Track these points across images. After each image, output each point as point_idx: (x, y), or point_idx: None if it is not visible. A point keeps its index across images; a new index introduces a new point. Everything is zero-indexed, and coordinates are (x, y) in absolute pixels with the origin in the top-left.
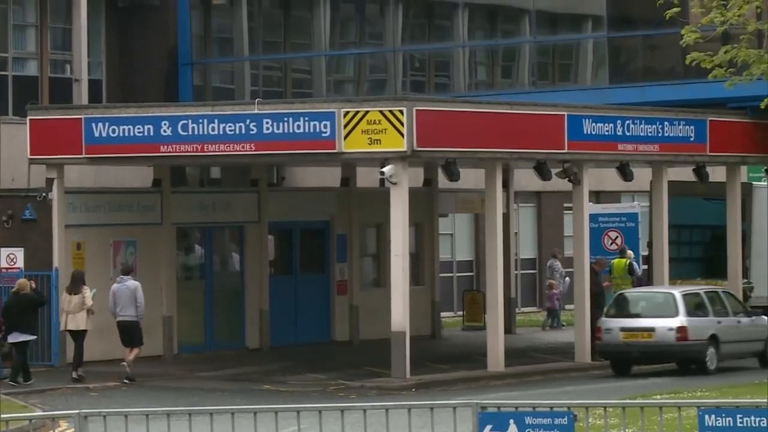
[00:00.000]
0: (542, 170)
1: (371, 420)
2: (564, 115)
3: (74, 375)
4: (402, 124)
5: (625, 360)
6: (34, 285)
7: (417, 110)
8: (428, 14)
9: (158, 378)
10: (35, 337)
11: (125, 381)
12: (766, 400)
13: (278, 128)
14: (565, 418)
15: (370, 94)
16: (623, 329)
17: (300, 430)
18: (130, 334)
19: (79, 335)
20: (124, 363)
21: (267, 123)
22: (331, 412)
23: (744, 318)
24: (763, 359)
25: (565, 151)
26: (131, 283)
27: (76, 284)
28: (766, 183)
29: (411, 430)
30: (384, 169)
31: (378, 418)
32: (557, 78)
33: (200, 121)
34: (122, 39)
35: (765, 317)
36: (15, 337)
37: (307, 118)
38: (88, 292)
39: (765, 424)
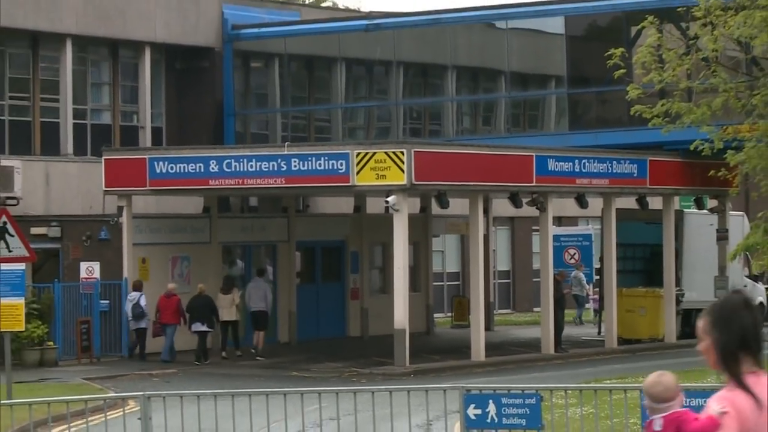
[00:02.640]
0: (515, 200)
1: (378, 400)
2: (532, 155)
3: (237, 353)
4: (403, 162)
5: None
6: (203, 288)
7: (415, 151)
8: (424, 75)
9: (208, 367)
10: (212, 329)
11: (258, 358)
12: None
13: (303, 166)
14: (534, 399)
15: (377, 139)
16: None
17: (321, 408)
18: (260, 320)
19: (231, 325)
20: (255, 345)
21: (294, 161)
22: (346, 393)
23: None
24: None
25: (534, 184)
26: (262, 283)
27: (227, 286)
28: (694, 210)
29: (410, 408)
30: (388, 199)
31: (383, 398)
32: (527, 125)
33: (241, 160)
34: (178, 94)
35: None
36: (197, 327)
37: (326, 158)
38: (236, 292)
39: (693, 403)
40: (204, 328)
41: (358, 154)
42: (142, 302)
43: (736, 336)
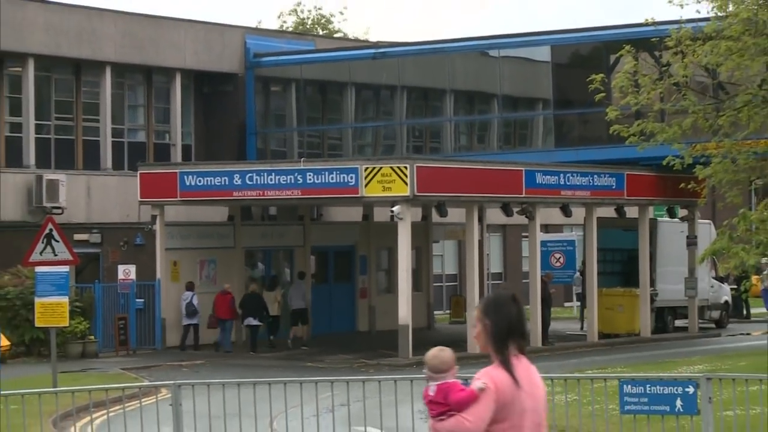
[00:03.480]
0: (506, 209)
1: (384, 388)
2: (522, 170)
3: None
4: (406, 176)
5: None
6: (255, 288)
7: (417, 166)
8: (425, 98)
9: (243, 358)
10: (262, 323)
11: (303, 347)
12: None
13: (317, 179)
14: None
15: (383, 155)
16: None
17: (333, 396)
18: (301, 317)
19: (273, 319)
20: (297, 337)
21: (309, 175)
22: (356, 382)
23: None
24: None
25: (523, 195)
26: (302, 285)
27: (271, 285)
28: (666, 219)
29: (413, 395)
30: (393, 209)
31: (389, 386)
32: (517, 143)
33: (261, 174)
34: (205, 115)
35: None
36: (249, 321)
37: (338, 172)
38: (279, 290)
39: (666, 391)
40: (255, 322)
41: (367, 168)
42: (195, 301)
43: (505, 324)
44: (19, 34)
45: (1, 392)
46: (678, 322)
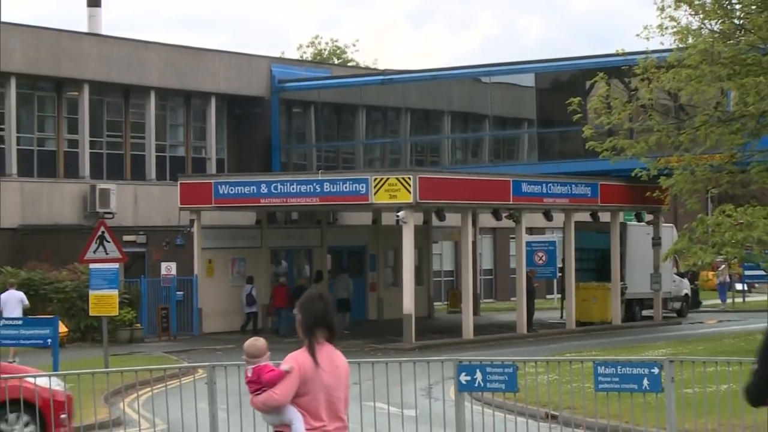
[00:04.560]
0: (496, 214)
1: (390, 369)
2: (510, 180)
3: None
4: (410, 186)
5: None
6: (304, 282)
7: (419, 177)
8: (426, 118)
9: (271, 342)
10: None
11: (345, 331)
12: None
13: (333, 188)
14: (511, 368)
15: (390, 168)
16: None
17: None
18: (344, 305)
19: None
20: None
21: (326, 185)
22: (366, 364)
23: None
24: None
25: (511, 202)
26: (346, 278)
27: (318, 277)
28: (635, 222)
29: (415, 375)
30: (398, 214)
31: (394, 367)
32: (505, 157)
33: (285, 183)
34: (237, 133)
35: None
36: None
37: (351, 182)
38: (324, 282)
39: (634, 372)
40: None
41: (375, 179)
42: (254, 292)
43: (311, 318)
44: (76, 64)
45: (60, 372)
46: (645, 312)
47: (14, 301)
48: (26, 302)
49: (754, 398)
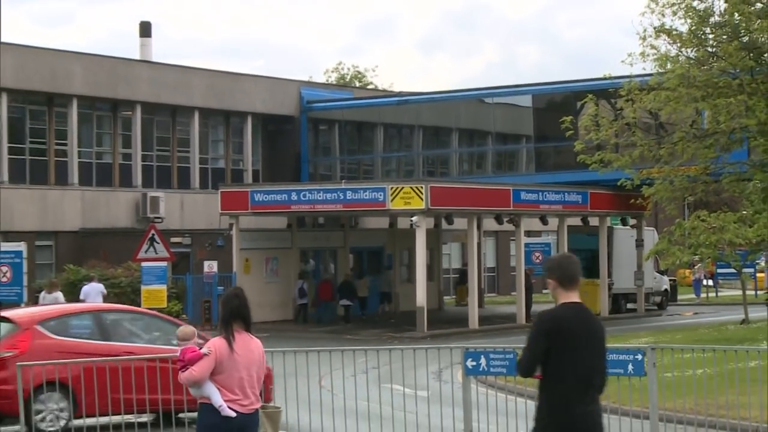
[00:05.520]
0: (498, 219)
1: (405, 355)
2: (510, 189)
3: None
4: (422, 194)
5: None
6: (349, 277)
7: (430, 186)
8: (436, 134)
9: (289, 332)
10: (353, 303)
11: (390, 320)
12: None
13: (355, 196)
14: (512, 355)
15: (405, 178)
16: None
17: (366, 361)
18: (387, 297)
19: (362, 300)
20: (384, 311)
21: (349, 193)
22: (383, 351)
23: None
24: None
25: (511, 209)
26: (387, 275)
27: (361, 275)
28: (620, 226)
29: (427, 361)
30: (412, 219)
31: (409, 354)
32: (507, 168)
33: (312, 192)
34: (271, 147)
35: None
36: (344, 302)
37: (370, 191)
38: (367, 278)
39: (620, 358)
40: (348, 302)
41: (392, 188)
42: (305, 287)
43: (228, 312)
44: (130, 87)
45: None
46: (629, 305)
47: (95, 292)
48: (105, 292)
49: (525, 371)
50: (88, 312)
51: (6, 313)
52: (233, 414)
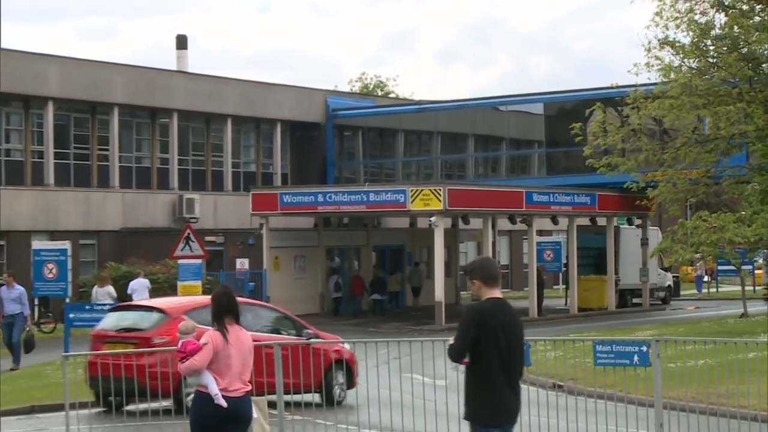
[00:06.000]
0: (512, 219)
1: (425, 347)
2: (523, 191)
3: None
4: (440, 196)
5: None
6: (380, 273)
7: (448, 189)
8: (454, 140)
9: (318, 324)
10: (384, 297)
11: (417, 312)
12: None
13: (377, 197)
14: (525, 346)
15: (424, 181)
16: None
17: (389, 352)
18: (418, 292)
19: (394, 294)
20: (414, 306)
21: (371, 195)
22: (405, 342)
23: None
24: None
25: (524, 209)
26: (418, 271)
27: (393, 270)
28: (626, 226)
29: (445, 352)
30: (431, 219)
31: (428, 346)
32: (520, 172)
33: (337, 194)
34: (299, 151)
35: None
36: (375, 296)
37: (392, 193)
38: (398, 275)
39: (627, 349)
40: (379, 296)
41: (412, 190)
42: (339, 281)
43: (219, 308)
44: (167, 96)
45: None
46: (635, 300)
47: (142, 287)
48: (150, 286)
49: (456, 357)
50: None
51: (156, 303)
52: (225, 404)
